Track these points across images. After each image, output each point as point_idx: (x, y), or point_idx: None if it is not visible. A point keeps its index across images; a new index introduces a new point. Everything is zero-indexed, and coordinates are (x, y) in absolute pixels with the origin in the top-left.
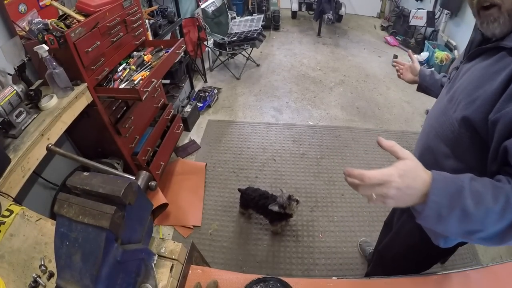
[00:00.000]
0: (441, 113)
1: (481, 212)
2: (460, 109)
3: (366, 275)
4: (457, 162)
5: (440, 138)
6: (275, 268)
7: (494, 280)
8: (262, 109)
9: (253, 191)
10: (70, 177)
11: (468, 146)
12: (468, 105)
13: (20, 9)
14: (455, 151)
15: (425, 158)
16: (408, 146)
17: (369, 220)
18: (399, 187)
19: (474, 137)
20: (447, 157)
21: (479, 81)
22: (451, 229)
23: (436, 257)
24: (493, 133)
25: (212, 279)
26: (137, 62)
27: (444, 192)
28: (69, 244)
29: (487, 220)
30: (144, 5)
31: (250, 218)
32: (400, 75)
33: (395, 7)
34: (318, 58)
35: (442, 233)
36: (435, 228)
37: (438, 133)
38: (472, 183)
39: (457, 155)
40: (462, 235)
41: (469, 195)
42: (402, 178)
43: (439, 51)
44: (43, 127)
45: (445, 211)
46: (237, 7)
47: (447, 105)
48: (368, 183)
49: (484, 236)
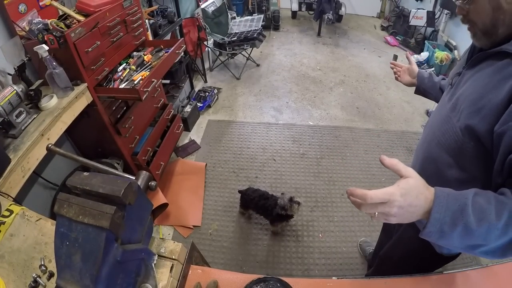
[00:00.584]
0: (443, 121)
1: (484, 229)
2: (463, 117)
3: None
4: (461, 172)
5: (443, 147)
6: (275, 268)
7: (494, 280)
8: (262, 109)
9: (253, 191)
10: (70, 177)
11: (472, 156)
12: (472, 115)
13: (20, 9)
14: (458, 161)
15: (427, 168)
16: (408, 146)
17: (369, 220)
18: (401, 205)
19: (478, 146)
20: (450, 167)
21: (484, 89)
22: (454, 244)
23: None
24: (498, 145)
25: (212, 279)
26: (137, 62)
27: (447, 209)
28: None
29: (489, 236)
30: (144, 5)
31: (250, 218)
32: (397, 77)
33: (395, 7)
34: (318, 58)
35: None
36: (437, 242)
37: (440, 142)
38: (475, 199)
39: (460, 165)
40: (464, 249)
41: (471, 212)
42: (404, 197)
43: (439, 51)
44: (43, 127)
45: (447, 227)
46: (237, 7)
47: (450, 114)
48: (370, 203)
49: (486, 250)
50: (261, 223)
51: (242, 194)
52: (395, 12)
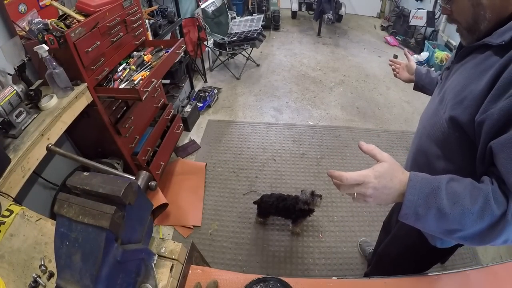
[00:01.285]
0: (432, 114)
1: (458, 212)
2: (448, 109)
3: (365, 275)
4: (448, 163)
5: (432, 139)
6: (275, 268)
7: (494, 280)
8: (262, 109)
9: (268, 197)
10: (70, 177)
11: (457, 147)
12: (455, 106)
13: (20, 9)
14: (446, 152)
15: (418, 159)
16: (408, 146)
17: (369, 220)
18: (376, 187)
19: (462, 137)
20: (439, 158)
21: (466, 81)
22: (430, 227)
23: (434, 257)
24: (479, 134)
25: (212, 279)
26: (137, 62)
27: (420, 192)
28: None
29: (464, 220)
30: (144, 5)
31: (250, 218)
32: (396, 74)
33: (395, 7)
34: (318, 58)
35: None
36: (415, 226)
37: (430, 134)
38: (450, 184)
39: (448, 156)
40: (442, 234)
41: (445, 195)
42: (379, 179)
43: (439, 51)
44: (43, 127)
45: (421, 210)
46: (237, 7)
47: (438, 106)
48: (346, 183)
49: (463, 236)
50: (260, 223)
51: (258, 204)
52: (395, 12)
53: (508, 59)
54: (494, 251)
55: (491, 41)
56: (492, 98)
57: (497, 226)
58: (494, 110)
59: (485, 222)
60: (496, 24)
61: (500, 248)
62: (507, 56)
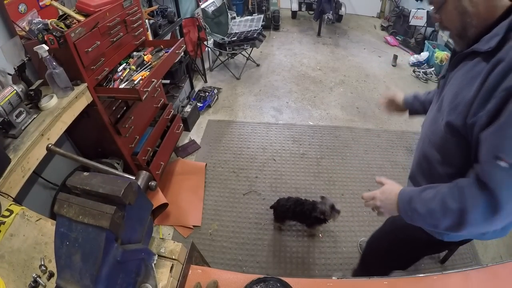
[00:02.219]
0: (432, 121)
1: (427, 213)
2: (445, 116)
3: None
4: (449, 167)
5: (433, 145)
6: (275, 268)
7: (494, 280)
8: (262, 109)
9: (286, 201)
10: (70, 177)
11: (455, 151)
12: (451, 112)
13: (20, 9)
14: (445, 157)
15: (422, 165)
16: (408, 146)
17: (369, 220)
18: (381, 200)
19: (460, 142)
20: (440, 163)
21: (458, 88)
22: (421, 223)
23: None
24: (472, 136)
25: (212, 279)
26: (137, 62)
27: (403, 201)
28: (69, 244)
29: (434, 216)
30: (144, 5)
31: (249, 218)
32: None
33: (395, 7)
34: (318, 58)
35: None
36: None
37: (431, 141)
38: (423, 193)
39: (447, 161)
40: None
41: (418, 202)
42: (382, 194)
43: (439, 51)
44: (43, 127)
45: (409, 212)
46: (237, 7)
47: (437, 114)
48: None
49: (443, 227)
50: (261, 223)
51: (275, 209)
52: (395, 12)
53: (493, 64)
54: (494, 251)
55: (479, 48)
56: (480, 101)
57: (463, 216)
58: (482, 113)
59: (449, 218)
60: (484, 30)
61: (500, 248)
62: (491, 62)
